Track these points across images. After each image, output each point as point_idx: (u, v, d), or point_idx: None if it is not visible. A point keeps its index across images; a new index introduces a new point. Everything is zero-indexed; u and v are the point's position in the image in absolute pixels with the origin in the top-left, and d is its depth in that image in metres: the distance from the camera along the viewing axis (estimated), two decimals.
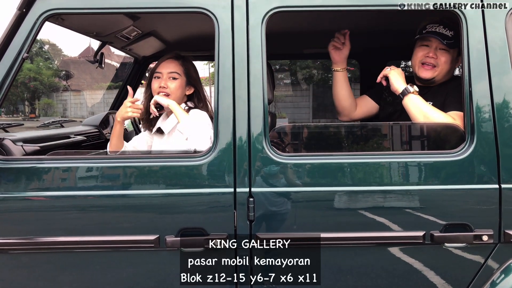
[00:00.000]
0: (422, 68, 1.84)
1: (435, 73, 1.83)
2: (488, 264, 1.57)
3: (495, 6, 1.56)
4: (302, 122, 9.13)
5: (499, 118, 1.54)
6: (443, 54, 1.81)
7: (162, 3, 1.57)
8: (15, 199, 1.57)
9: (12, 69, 1.55)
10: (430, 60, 1.82)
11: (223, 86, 1.56)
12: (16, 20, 1.54)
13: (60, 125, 2.91)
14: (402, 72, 1.83)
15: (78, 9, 1.58)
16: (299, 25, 2.32)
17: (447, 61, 1.82)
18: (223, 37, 1.56)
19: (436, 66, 1.82)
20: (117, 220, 1.59)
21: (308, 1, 1.56)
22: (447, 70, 1.83)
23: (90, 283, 1.61)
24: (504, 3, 1.57)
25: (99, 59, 2.63)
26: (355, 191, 1.56)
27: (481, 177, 1.55)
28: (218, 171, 1.55)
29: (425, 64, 1.83)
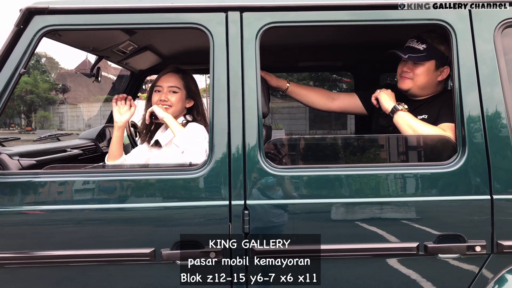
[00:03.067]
0: (401, 80, 1.93)
1: (411, 84, 1.89)
2: (483, 274, 1.58)
3: (484, 20, 1.60)
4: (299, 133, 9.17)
5: (490, 130, 1.57)
6: (417, 66, 1.87)
7: (158, 20, 1.60)
8: (11, 213, 1.57)
9: (9, 84, 1.56)
10: (405, 74, 1.90)
11: (218, 98, 1.58)
12: (13, 36, 1.56)
13: (57, 138, 2.92)
14: (392, 93, 1.91)
15: (75, 25, 1.60)
16: (293, 39, 2.36)
17: (421, 73, 1.87)
18: (218, 51, 1.58)
19: (411, 79, 1.89)
20: (113, 233, 1.59)
21: (300, 17, 1.60)
22: (424, 81, 1.88)
23: None
24: (492, 16, 1.61)
25: (95, 73, 2.65)
26: (350, 203, 1.57)
27: (473, 188, 1.57)
28: (213, 184, 1.56)
29: (403, 77, 1.91)
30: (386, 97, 1.88)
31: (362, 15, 1.60)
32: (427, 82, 1.88)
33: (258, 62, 1.59)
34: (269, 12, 1.58)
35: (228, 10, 1.59)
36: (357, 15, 1.60)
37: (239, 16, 1.59)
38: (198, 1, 1.59)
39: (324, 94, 2.20)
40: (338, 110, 2.21)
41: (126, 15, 1.59)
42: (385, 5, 1.60)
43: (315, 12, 1.59)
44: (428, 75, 1.87)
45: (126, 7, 1.58)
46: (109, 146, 1.97)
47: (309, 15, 1.59)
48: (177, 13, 1.60)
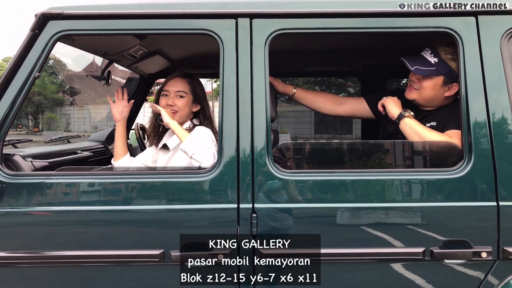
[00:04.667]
0: (408, 89, 1.91)
1: (416, 95, 1.87)
2: (488, 281, 1.59)
3: (490, 27, 1.60)
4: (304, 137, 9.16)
5: (496, 136, 1.58)
6: (424, 79, 1.83)
7: (170, 25, 1.63)
8: (23, 214, 1.60)
9: (24, 88, 1.60)
10: (412, 84, 1.88)
11: (227, 103, 1.60)
12: (28, 41, 1.60)
13: (67, 140, 2.96)
14: (398, 100, 1.90)
15: (88, 30, 1.64)
16: (301, 45, 2.39)
17: (427, 86, 1.83)
18: (228, 56, 1.61)
19: (417, 90, 1.86)
20: (123, 234, 1.62)
21: (307, 24, 1.62)
22: (430, 95, 1.85)
23: None
24: (498, 24, 1.62)
25: (106, 76, 2.69)
26: (357, 208, 1.59)
27: (479, 195, 1.57)
28: (222, 187, 1.58)
29: (410, 86, 1.90)
30: (392, 104, 1.88)
31: (368, 23, 1.62)
32: (433, 96, 1.85)
33: (267, 67, 1.61)
34: (278, 19, 1.61)
35: (238, 17, 1.61)
36: (363, 22, 1.62)
37: (249, 22, 1.61)
38: (208, 8, 1.62)
39: (331, 98, 2.20)
40: (346, 114, 2.20)
41: (138, 21, 1.62)
42: (390, 13, 1.61)
43: (322, 19, 1.61)
44: (435, 89, 1.83)
45: (138, 13, 1.61)
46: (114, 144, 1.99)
47: (316, 22, 1.61)
48: (188, 19, 1.62)
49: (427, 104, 1.90)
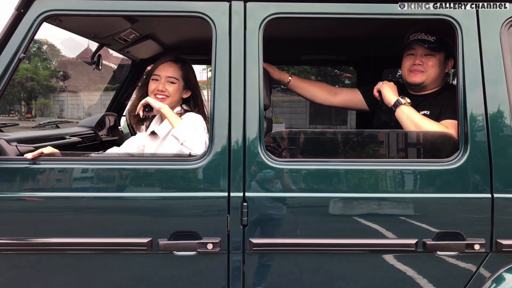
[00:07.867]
0: (412, 73, 1.90)
1: (424, 77, 1.88)
2: (480, 273, 1.58)
3: (490, 17, 1.58)
4: (299, 128, 9.15)
5: (493, 128, 1.56)
6: (429, 58, 1.87)
7: (160, 7, 1.58)
8: (8, 199, 1.56)
9: (8, 69, 1.55)
10: (417, 67, 1.88)
11: (219, 90, 1.56)
12: (13, 21, 1.55)
13: (56, 125, 2.91)
14: (394, 86, 1.89)
15: (76, 10, 1.58)
16: (297, 31, 2.34)
17: (434, 64, 1.87)
18: (221, 41, 1.56)
19: (424, 71, 1.88)
20: (110, 222, 1.58)
21: (305, 8, 1.57)
22: (436, 73, 1.88)
23: (83, 284, 1.60)
24: (498, 13, 1.58)
25: (96, 60, 2.63)
26: (350, 198, 1.56)
27: (474, 186, 1.56)
28: (212, 175, 1.55)
29: (414, 70, 1.89)
30: (389, 90, 1.86)
31: (367, 9, 1.58)
32: (439, 74, 1.89)
33: (261, 53, 1.57)
34: (273, 3, 1.56)
35: (232, 0, 1.56)
36: (362, 8, 1.58)
37: (243, 6, 1.57)
38: None
39: (326, 88, 2.19)
40: (340, 105, 2.20)
41: (128, 1, 1.57)
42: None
43: (320, 4, 1.57)
44: (440, 66, 1.88)
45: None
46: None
47: (313, 6, 1.57)
48: (180, 1, 1.58)
49: (431, 85, 1.91)
